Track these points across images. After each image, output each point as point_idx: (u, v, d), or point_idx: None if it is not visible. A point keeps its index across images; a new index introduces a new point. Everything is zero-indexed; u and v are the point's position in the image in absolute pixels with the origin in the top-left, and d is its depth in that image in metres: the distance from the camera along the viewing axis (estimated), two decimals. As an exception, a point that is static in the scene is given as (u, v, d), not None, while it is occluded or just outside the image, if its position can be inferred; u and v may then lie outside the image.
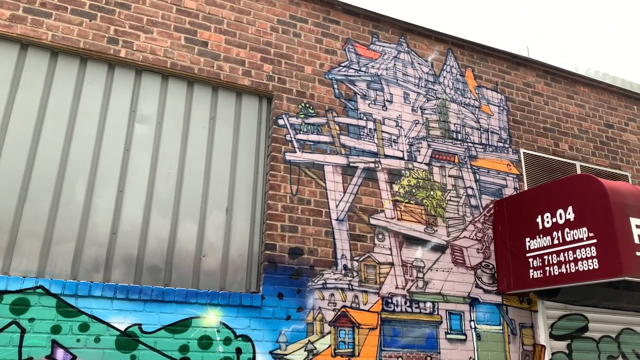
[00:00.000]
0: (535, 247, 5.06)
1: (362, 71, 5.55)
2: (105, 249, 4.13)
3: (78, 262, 4.02)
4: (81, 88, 4.44)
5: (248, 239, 4.65)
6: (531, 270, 5.05)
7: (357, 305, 4.71)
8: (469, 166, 5.78)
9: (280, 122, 4.97)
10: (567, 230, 4.79)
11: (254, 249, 4.64)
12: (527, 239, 5.17)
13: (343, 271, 4.77)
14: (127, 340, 3.85)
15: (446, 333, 4.94)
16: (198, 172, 4.63)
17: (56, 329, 3.68)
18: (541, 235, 5.04)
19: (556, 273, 4.80)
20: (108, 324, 3.83)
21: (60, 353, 3.65)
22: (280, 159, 4.85)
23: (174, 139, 4.63)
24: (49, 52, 4.40)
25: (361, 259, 4.89)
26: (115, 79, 4.58)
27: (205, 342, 4.07)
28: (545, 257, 4.94)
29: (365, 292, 4.79)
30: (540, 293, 5.33)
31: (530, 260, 5.09)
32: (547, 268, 4.90)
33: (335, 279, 4.71)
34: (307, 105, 5.15)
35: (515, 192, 5.83)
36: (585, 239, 4.60)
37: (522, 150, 6.17)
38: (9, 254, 3.85)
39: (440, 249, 5.26)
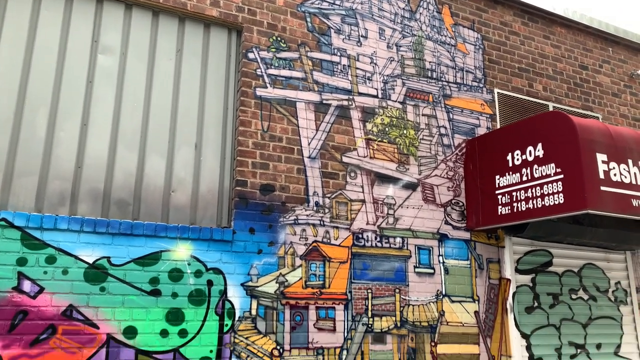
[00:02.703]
0: (505, 185, 5.14)
1: (336, 4, 5.37)
2: (71, 183, 4.04)
3: (42, 195, 3.94)
4: (38, 16, 4.21)
5: (218, 175, 4.61)
6: (500, 207, 5.15)
7: (328, 240, 4.77)
8: (443, 105, 5.75)
9: (251, 55, 4.83)
10: (535, 166, 4.85)
11: (225, 185, 4.61)
12: (497, 177, 5.24)
13: (315, 208, 4.79)
14: (96, 272, 3.84)
15: (415, 267, 5.07)
16: (165, 106, 4.51)
17: (22, 261, 3.65)
18: (510, 173, 5.11)
19: (523, 209, 4.90)
20: (76, 257, 3.81)
21: (27, 284, 3.63)
22: (251, 94, 4.74)
23: (139, 72, 4.47)
24: (1, -24, 4.13)
25: (333, 196, 4.90)
26: (74, 8, 4.34)
27: (176, 275, 4.09)
28: (514, 193, 5.03)
29: (337, 227, 4.84)
30: (507, 229, 5.46)
31: (499, 197, 5.18)
32: (515, 204, 5.00)
33: (307, 215, 4.74)
34: (279, 38, 5.00)
35: (487, 132, 5.85)
36: (552, 174, 4.68)
37: (496, 90, 6.15)
38: (-32, 186, 3.75)
39: (411, 186, 5.31)
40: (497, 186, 5.23)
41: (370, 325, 4.72)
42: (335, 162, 5.00)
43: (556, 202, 4.60)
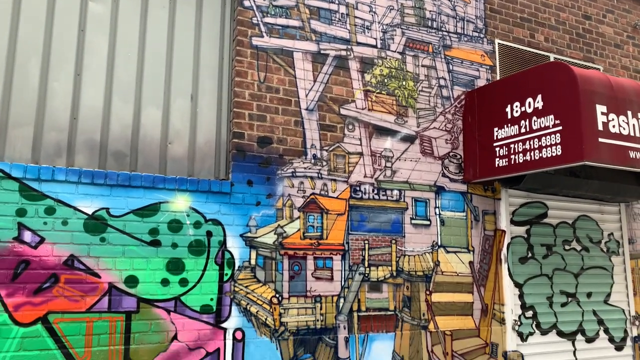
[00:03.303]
0: (503, 137, 5.13)
1: (334, -50, 5.18)
2: (66, 134, 4.01)
3: (38, 146, 3.91)
4: (24, -40, 4.05)
5: (215, 127, 4.57)
6: (497, 159, 5.16)
7: (326, 193, 4.79)
8: (442, 56, 5.65)
9: (246, 3, 4.69)
10: (534, 118, 4.83)
11: (222, 137, 4.58)
12: (496, 129, 5.22)
13: (312, 160, 4.78)
14: (96, 223, 3.87)
15: (411, 219, 5.12)
16: (160, 56, 4.42)
17: (21, 212, 3.67)
18: (509, 125, 5.08)
19: (521, 161, 4.91)
20: (75, 208, 3.83)
21: (27, 235, 3.67)
22: (247, 43, 4.64)
23: (132, 20, 4.35)
24: None
25: (331, 149, 4.89)
26: (62, -49, 4.18)
27: (175, 226, 4.13)
28: (512, 145, 5.02)
29: (334, 180, 4.85)
30: (504, 181, 5.49)
31: (497, 149, 5.17)
32: (512, 156, 5.00)
33: (305, 168, 4.74)
34: (275, -14, 4.84)
35: (487, 84, 5.78)
36: (551, 126, 4.66)
37: (497, 41, 6.03)
38: (-37, 137, 3.72)
39: (409, 139, 5.29)
40: (495, 138, 5.22)
41: (366, 275, 4.82)
42: (333, 114, 4.95)
43: (554, 154, 4.60)
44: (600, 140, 4.48)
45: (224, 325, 4.17)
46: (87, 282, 3.78)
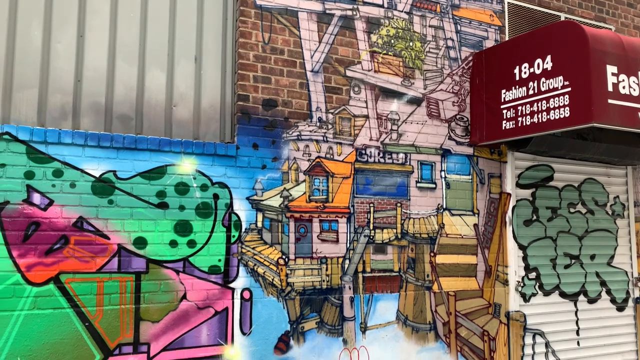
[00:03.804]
0: (510, 99, 5.07)
1: None
2: (71, 97, 3.99)
3: (44, 109, 3.91)
4: None
5: (220, 90, 4.54)
6: (504, 122, 5.11)
7: (332, 156, 4.79)
8: (450, 16, 5.52)
9: (250, -39, 4.57)
10: (543, 79, 4.75)
11: (227, 99, 4.55)
12: (503, 91, 5.15)
13: (318, 123, 4.76)
14: (103, 185, 3.91)
15: (417, 182, 5.13)
16: (162, 17, 4.34)
17: (30, 175, 3.70)
18: (517, 87, 5.01)
19: (528, 123, 4.87)
20: (82, 170, 3.85)
21: (36, 197, 3.71)
22: (251, 3, 4.55)
23: (134, -21, 4.26)
24: None
25: (336, 112, 4.86)
26: None
27: (182, 189, 4.16)
28: (519, 107, 4.97)
29: (340, 143, 4.84)
30: (510, 144, 5.46)
31: (504, 111, 5.12)
32: (520, 119, 4.96)
33: (310, 131, 4.72)
34: (279, -58, 4.70)
35: (495, 44, 5.67)
36: (560, 87, 4.59)
37: (506, 0, 5.88)
38: (-32, 99, 3.71)
39: (416, 101, 5.24)
40: (502, 101, 5.16)
41: (371, 237, 4.87)
42: (339, 76, 4.89)
43: (562, 116, 4.55)
44: (610, 101, 4.42)
45: (232, 285, 4.25)
46: (96, 244, 3.84)
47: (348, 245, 4.75)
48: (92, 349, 3.77)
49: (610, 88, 4.44)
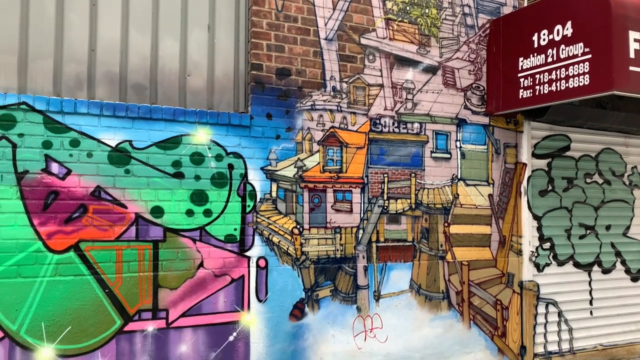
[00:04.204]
0: (528, 67, 4.96)
1: None
2: (86, 66, 4.00)
3: (59, 79, 3.92)
4: None
5: (233, 58, 4.50)
6: (521, 90, 5.02)
7: (346, 126, 4.76)
8: (467, -18, 5.38)
9: None
10: (562, 47, 4.64)
11: (240, 68, 4.52)
12: (521, 59, 5.05)
13: (332, 93, 4.72)
14: (120, 155, 3.94)
15: (431, 152, 5.09)
16: (175, -16, 4.29)
17: (47, 144, 3.74)
18: (535, 54, 4.90)
19: (546, 92, 4.78)
20: (98, 140, 3.88)
21: (55, 167, 3.75)
22: (264, -30, 4.46)
23: (145, -55, 4.19)
24: None
25: (350, 81, 4.80)
26: None
27: (198, 158, 4.18)
28: (537, 76, 4.87)
29: (354, 113, 4.80)
30: (527, 113, 5.38)
31: (522, 80, 5.02)
32: (537, 87, 4.86)
33: (324, 101, 4.69)
34: None
35: (514, 11, 5.52)
36: (580, 54, 4.48)
37: (526, -36, 5.71)
38: (-15, 69, 3.73)
39: (431, 70, 5.16)
40: (520, 69, 5.05)
41: (385, 207, 4.87)
42: (353, 44, 4.82)
43: (581, 84, 4.46)
44: (631, 69, 4.31)
45: (247, 253, 4.31)
46: (114, 212, 3.90)
47: (362, 215, 4.77)
48: (112, 314, 3.87)
49: (632, 55, 4.32)
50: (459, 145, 5.23)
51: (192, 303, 4.11)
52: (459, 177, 5.21)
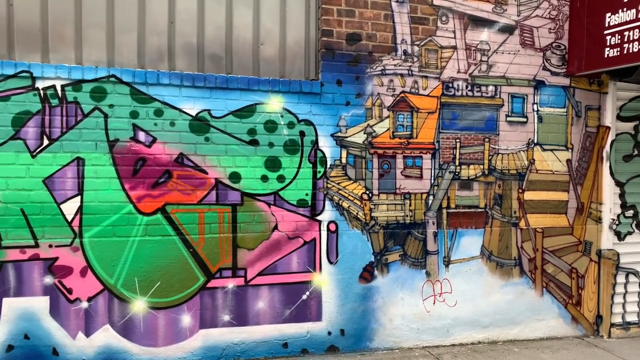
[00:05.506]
0: (616, 23, 4.61)
1: None
2: (166, 38, 4.19)
3: (142, 51, 4.15)
4: None
5: (304, 25, 4.53)
6: (607, 49, 4.69)
7: (417, 91, 4.70)
8: None
9: None
10: (657, -1, 4.26)
11: (311, 35, 4.55)
12: (608, 15, 4.69)
13: (403, 57, 4.65)
14: (199, 124, 4.15)
15: (507, 116, 4.93)
16: (247, -47, 4.34)
17: (134, 114, 4.00)
18: (625, 9, 4.53)
19: (636, 50, 4.43)
20: (180, 110, 4.10)
21: (142, 135, 4.03)
22: None
23: None
24: None
25: (422, 44, 4.70)
26: None
27: (271, 126, 4.32)
28: (626, 33, 4.52)
29: (426, 77, 4.72)
30: (613, 73, 5.03)
31: (608, 37, 4.68)
32: (625, 45, 4.52)
33: (395, 65, 4.63)
34: None
35: (602, -39, 5.10)
36: (677, 8, 4.10)
37: None
38: (78, 45, 4.01)
39: (508, 30, 4.92)
40: (606, 25, 4.70)
41: (457, 173, 4.82)
42: (425, 6, 4.69)
43: (677, 41, 4.10)
44: None
45: (318, 218, 4.45)
46: (196, 178, 4.15)
47: (432, 181, 4.75)
48: (196, 272, 4.18)
49: None
50: (536, 109, 5.01)
51: (267, 263, 4.34)
52: (536, 141, 5.02)
